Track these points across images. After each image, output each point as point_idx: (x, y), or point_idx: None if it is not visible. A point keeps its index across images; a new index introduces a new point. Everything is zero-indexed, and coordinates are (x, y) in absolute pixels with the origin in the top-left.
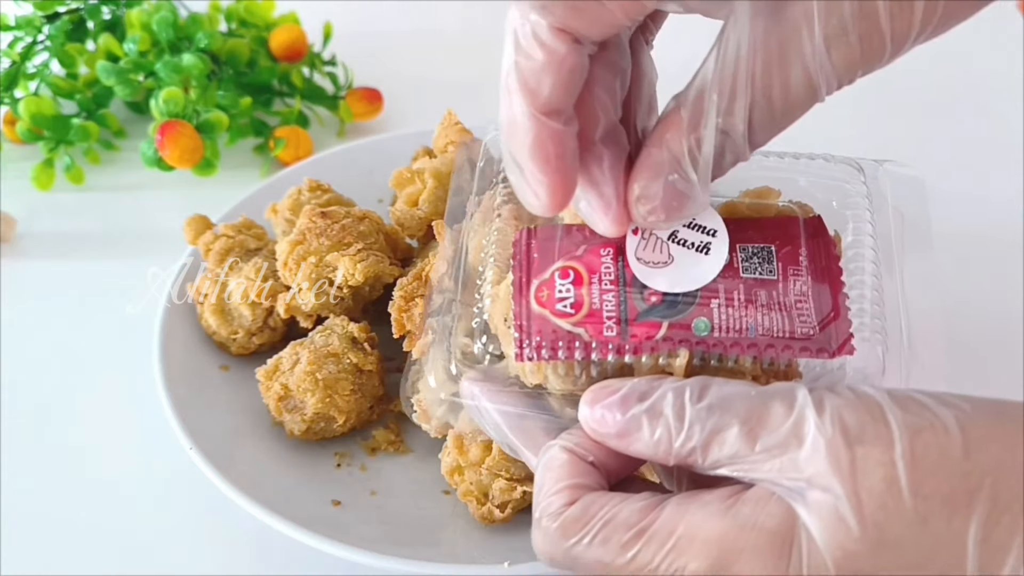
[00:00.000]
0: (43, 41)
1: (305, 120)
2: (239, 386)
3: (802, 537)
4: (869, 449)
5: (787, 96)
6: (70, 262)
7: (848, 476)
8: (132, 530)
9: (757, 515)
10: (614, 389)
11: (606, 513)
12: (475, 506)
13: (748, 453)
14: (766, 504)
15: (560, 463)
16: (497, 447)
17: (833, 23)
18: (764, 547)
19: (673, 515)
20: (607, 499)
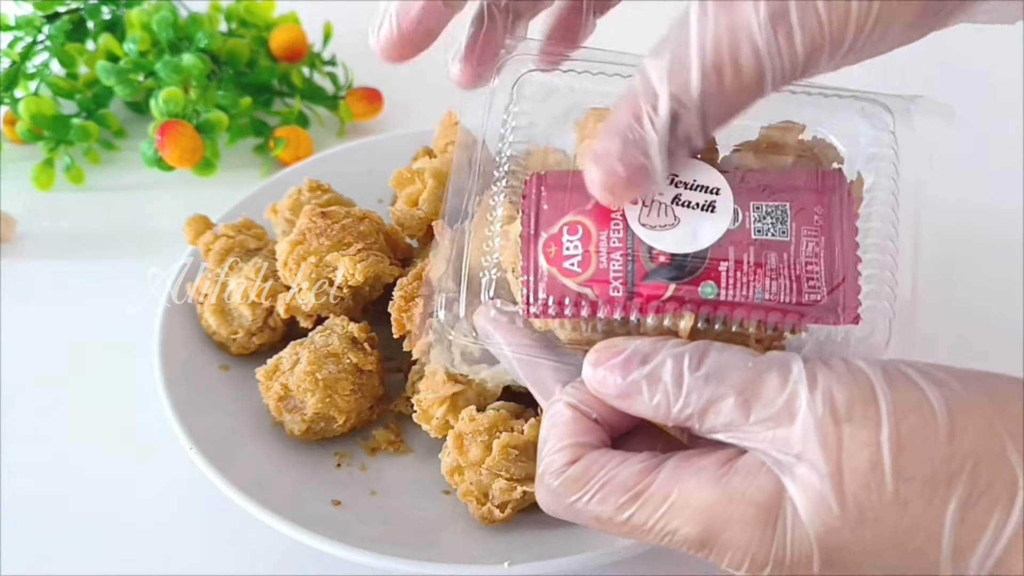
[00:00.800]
0: (43, 41)
1: (305, 120)
2: (239, 386)
3: (788, 511)
4: (857, 429)
5: (738, 74)
6: (70, 262)
7: (834, 455)
8: (132, 530)
9: (747, 487)
10: (618, 350)
11: (605, 474)
12: (475, 506)
13: (742, 423)
14: (756, 476)
15: (564, 420)
16: (497, 447)
17: (776, 2)
18: (752, 519)
19: (667, 480)
20: (607, 459)
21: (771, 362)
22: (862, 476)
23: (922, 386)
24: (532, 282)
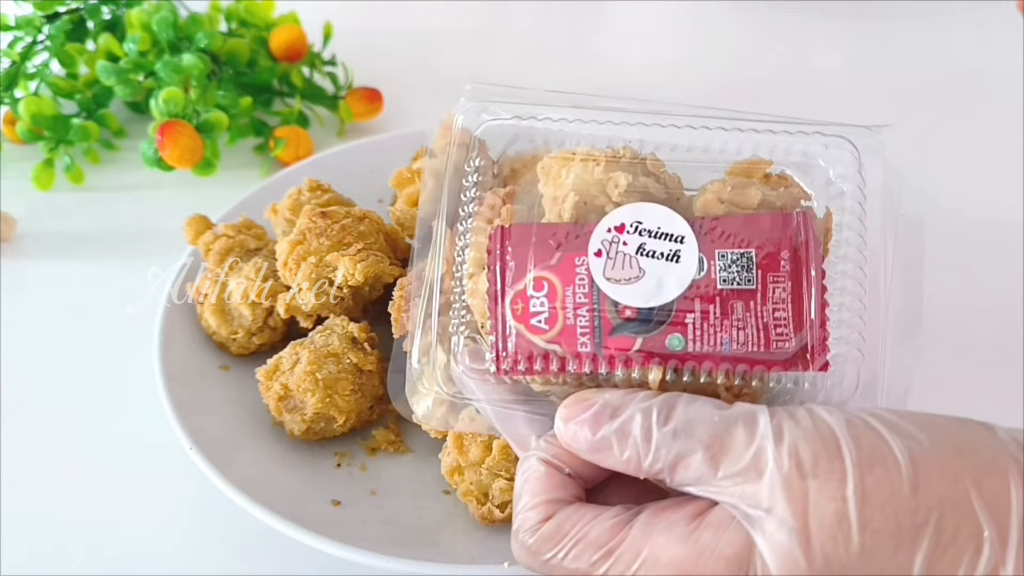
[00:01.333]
0: (43, 41)
1: (305, 120)
2: (239, 386)
3: (757, 565)
4: (823, 483)
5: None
6: (70, 262)
7: (801, 510)
8: (132, 530)
9: (717, 542)
10: (587, 404)
11: (578, 532)
12: (475, 506)
13: (711, 478)
14: (726, 530)
15: (538, 475)
16: (497, 447)
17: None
18: (722, 574)
19: (639, 536)
20: (579, 516)
21: (738, 416)
22: (828, 530)
23: (886, 438)
24: (501, 339)
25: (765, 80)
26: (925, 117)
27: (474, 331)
